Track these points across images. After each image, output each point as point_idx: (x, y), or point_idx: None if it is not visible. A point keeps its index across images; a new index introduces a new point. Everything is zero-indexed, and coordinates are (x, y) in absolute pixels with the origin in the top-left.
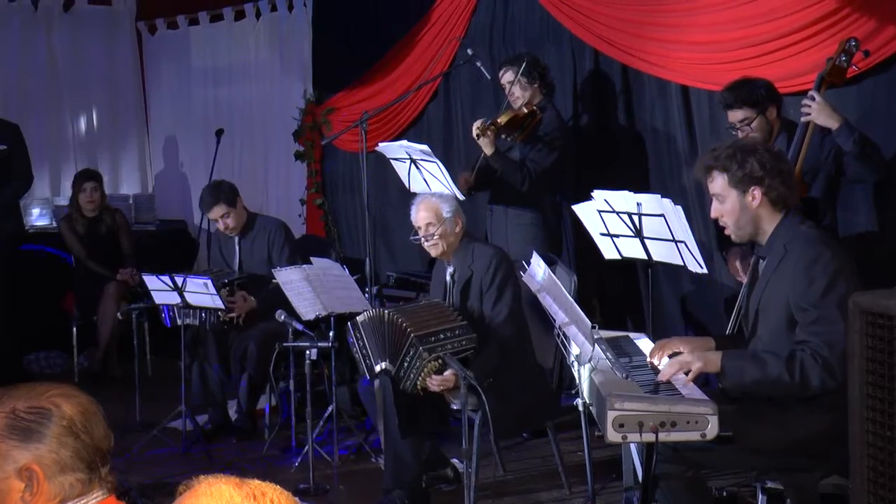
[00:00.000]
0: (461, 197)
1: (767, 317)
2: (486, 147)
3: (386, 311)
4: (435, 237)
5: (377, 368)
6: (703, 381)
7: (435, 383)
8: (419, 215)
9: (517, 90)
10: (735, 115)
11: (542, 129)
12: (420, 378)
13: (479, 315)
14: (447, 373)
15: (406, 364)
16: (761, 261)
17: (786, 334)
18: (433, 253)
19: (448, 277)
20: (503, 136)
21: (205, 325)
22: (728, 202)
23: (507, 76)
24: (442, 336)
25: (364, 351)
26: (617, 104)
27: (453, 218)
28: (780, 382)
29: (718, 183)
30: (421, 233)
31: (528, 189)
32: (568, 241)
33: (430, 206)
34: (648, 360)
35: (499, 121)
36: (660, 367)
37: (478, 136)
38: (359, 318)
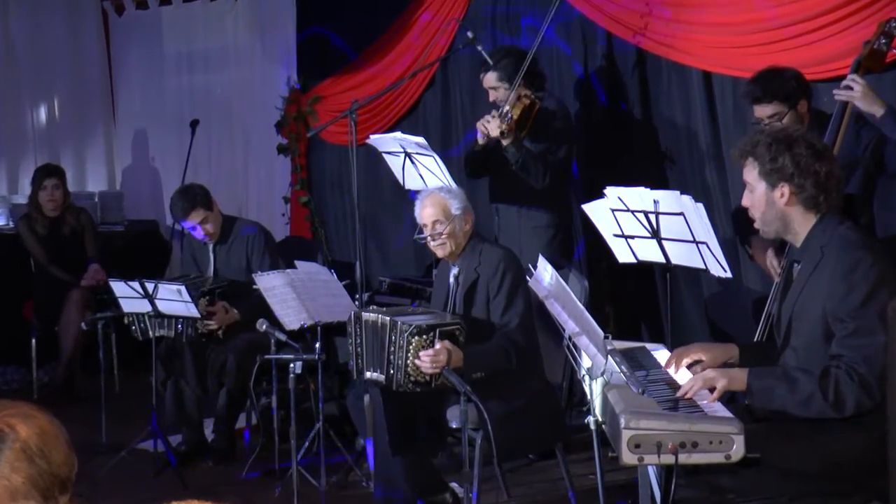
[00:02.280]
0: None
1: (802, 327)
2: (508, 140)
3: (380, 316)
4: (442, 236)
5: (367, 375)
6: (728, 396)
7: (427, 361)
8: (425, 212)
9: (501, 94)
10: (763, 111)
11: (547, 119)
12: (409, 362)
13: (484, 323)
14: (437, 345)
15: (392, 356)
16: (795, 264)
17: (822, 346)
18: (440, 253)
19: (452, 279)
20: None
21: (181, 337)
22: (756, 193)
23: (487, 80)
24: (421, 313)
25: (359, 349)
26: (632, 92)
27: (463, 215)
28: (812, 402)
29: (750, 171)
30: (427, 231)
31: (548, 185)
32: (578, 243)
33: (437, 201)
34: (664, 368)
35: (513, 114)
36: (677, 379)
37: (502, 134)
38: (363, 315)
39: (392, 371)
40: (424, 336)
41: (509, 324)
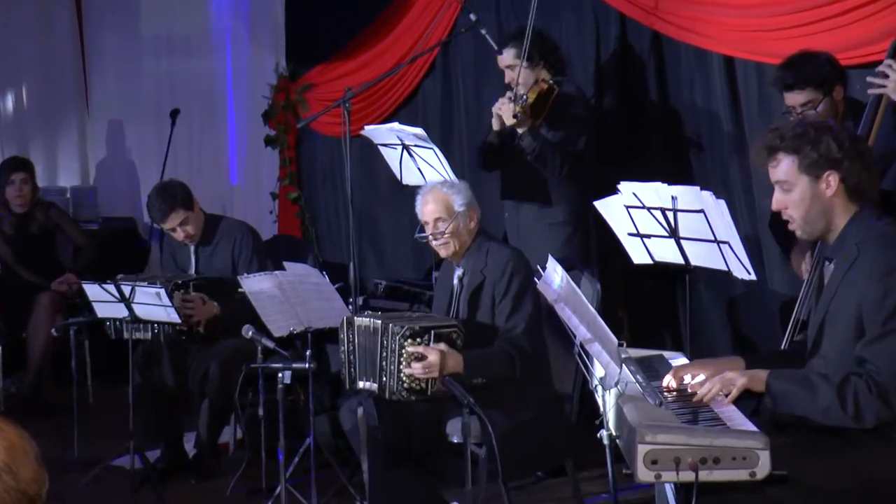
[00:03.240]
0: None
1: (835, 331)
2: (523, 128)
3: (371, 320)
4: (445, 235)
5: (360, 385)
6: (752, 408)
7: (418, 366)
8: (426, 208)
9: (518, 74)
10: (796, 98)
11: (566, 104)
12: (402, 368)
13: (489, 328)
14: (431, 346)
15: (384, 362)
16: (827, 263)
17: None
18: (443, 253)
19: (456, 281)
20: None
21: (158, 337)
22: (796, 191)
23: (504, 59)
24: (417, 318)
25: (351, 357)
26: (648, 79)
27: (467, 212)
28: (830, 412)
29: (784, 167)
30: (428, 229)
31: (564, 176)
32: (591, 242)
33: (439, 197)
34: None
35: (529, 97)
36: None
37: (515, 117)
38: (356, 320)
39: (385, 378)
40: (418, 339)
41: (514, 329)
